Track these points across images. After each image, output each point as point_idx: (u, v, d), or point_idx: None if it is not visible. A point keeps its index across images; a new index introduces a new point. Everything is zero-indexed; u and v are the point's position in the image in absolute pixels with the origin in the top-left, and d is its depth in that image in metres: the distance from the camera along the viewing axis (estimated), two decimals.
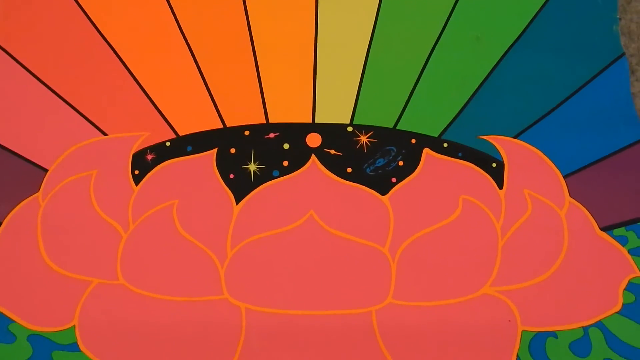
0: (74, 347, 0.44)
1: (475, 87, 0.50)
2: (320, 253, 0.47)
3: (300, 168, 0.49)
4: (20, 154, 0.49)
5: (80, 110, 0.50)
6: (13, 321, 0.45)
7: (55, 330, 0.44)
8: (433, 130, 0.50)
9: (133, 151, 0.49)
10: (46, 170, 0.48)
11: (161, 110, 0.50)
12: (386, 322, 0.45)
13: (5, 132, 0.49)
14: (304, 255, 0.46)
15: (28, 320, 0.45)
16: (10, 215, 0.47)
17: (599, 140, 0.50)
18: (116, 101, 0.50)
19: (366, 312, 0.45)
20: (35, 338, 0.44)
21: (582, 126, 0.50)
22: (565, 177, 0.49)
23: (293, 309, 0.45)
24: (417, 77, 0.51)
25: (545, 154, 0.49)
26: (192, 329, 0.44)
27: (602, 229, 0.48)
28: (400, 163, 0.49)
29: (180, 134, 0.50)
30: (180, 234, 0.47)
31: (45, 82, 0.50)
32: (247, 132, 0.50)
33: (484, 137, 0.50)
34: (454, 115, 0.50)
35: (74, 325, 0.44)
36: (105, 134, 0.49)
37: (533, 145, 0.49)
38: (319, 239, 0.47)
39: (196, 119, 0.50)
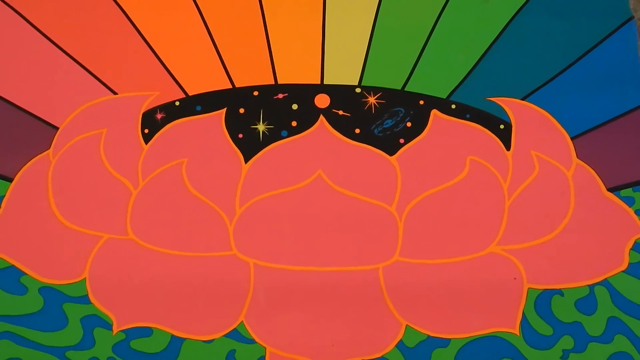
0: (84, 299, 0.45)
1: (484, 50, 0.51)
2: (328, 211, 0.47)
3: (308, 128, 0.49)
4: (32, 112, 0.50)
5: (91, 70, 0.51)
6: (24, 274, 0.46)
7: (66, 283, 0.45)
8: (441, 92, 0.50)
9: (143, 110, 0.49)
10: (57, 129, 0.49)
11: (170, 70, 0.51)
12: (393, 279, 0.46)
13: (18, 91, 0.50)
14: (312, 213, 0.47)
15: (39, 273, 0.46)
16: (21, 171, 0.48)
17: (607, 102, 0.50)
18: (126, 61, 0.50)
19: (373, 269, 0.46)
20: (46, 290, 0.45)
21: (589, 88, 0.51)
22: (572, 138, 0.50)
23: (301, 265, 0.46)
24: (425, 39, 0.51)
25: (553, 115, 0.50)
26: (200, 284, 0.45)
27: (609, 190, 0.48)
28: (408, 124, 0.50)
29: (190, 94, 0.50)
30: (190, 191, 0.48)
31: (56, 42, 0.51)
32: (256, 93, 0.50)
33: (492, 99, 0.50)
34: (462, 77, 0.51)
35: (85, 279, 0.45)
36: (115, 93, 0.50)
37: (541, 107, 0.50)
38: (327, 198, 0.48)
39: (205, 79, 0.50)
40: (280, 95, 0.51)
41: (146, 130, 0.50)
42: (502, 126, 0.50)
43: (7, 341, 0.44)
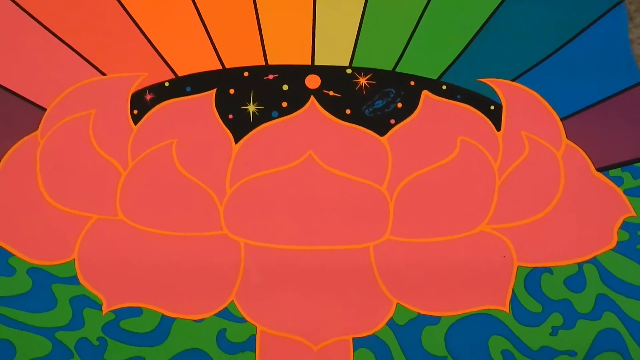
0: (73, 280, 0.45)
1: (475, 31, 0.51)
2: (318, 191, 0.48)
3: (299, 109, 0.49)
4: (19, 93, 0.49)
5: (79, 51, 0.50)
6: (12, 255, 0.45)
7: (55, 263, 0.45)
8: (432, 73, 0.51)
9: (132, 91, 0.49)
10: (45, 110, 0.49)
11: (160, 51, 0.50)
12: (384, 257, 0.46)
13: (5, 72, 0.49)
14: (302, 193, 0.47)
15: (28, 254, 0.46)
16: (9, 152, 0.48)
17: (597, 84, 0.51)
18: (115, 42, 0.50)
19: (364, 247, 0.46)
20: (35, 271, 0.45)
21: (580, 70, 0.51)
22: (562, 119, 0.50)
23: (291, 244, 0.46)
24: (416, 20, 0.51)
25: (543, 97, 0.50)
26: (191, 264, 0.45)
27: (598, 170, 0.49)
28: (399, 105, 0.50)
29: (179, 75, 0.50)
30: (180, 172, 0.47)
31: (44, 23, 0.51)
32: (246, 74, 0.50)
33: (483, 80, 0.50)
34: (453, 59, 0.51)
35: (74, 259, 0.45)
36: (104, 74, 0.50)
37: (531, 89, 0.50)
38: (317, 178, 0.48)
39: (195, 60, 0.50)
40: (271, 76, 0.51)
41: (135, 111, 0.50)
42: (492, 107, 0.51)
43: None
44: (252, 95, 0.50)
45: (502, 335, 0.45)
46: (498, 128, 0.50)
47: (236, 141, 0.49)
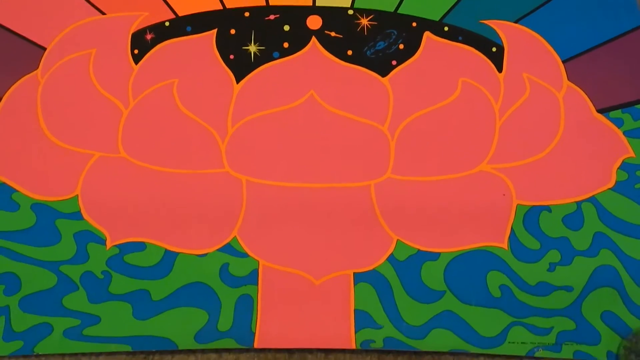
0: (77, 215, 0.45)
1: None
2: (320, 130, 0.48)
3: (300, 50, 0.49)
4: (19, 32, 0.49)
5: None
6: (16, 191, 0.46)
7: (59, 199, 0.45)
8: (434, 14, 0.50)
9: (132, 31, 0.49)
10: (45, 49, 0.48)
11: None
12: (384, 195, 0.46)
13: (4, 12, 0.49)
14: (304, 132, 0.48)
15: (31, 190, 0.46)
16: (9, 91, 0.48)
17: (599, 26, 0.51)
18: None
19: (365, 185, 0.46)
20: (38, 206, 0.46)
21: (582, 13, 0.51)
22: (564, 62, 0.50)
23: (293, 181, 0.46)
24: None
25: (545, 39, 0.50)
26: (194, 201, 0.46)
27: (599, 111, 0.49)
28: (401, 46, 0.50)
29: (180, 15, 0.50)
30: (181, 111, 0.47)
31: None
32: (247, 14, 0.50)
33: (485, 22, 0.50)
34: (455, 0, 0.50)
35: (77, 195, 0.45)
36: (103, 14, 0.49)
37: (533, 31, 0.50)
38: (319, 117, 0.48)
39: None
40: (272, 17, 0.50)
41: (136, 51, 0.49)
42: (494, 49, 0.50)
43: (0, 256, 0.45)
44: (253, 35, 0.50)
45: (501, 271, 0.46)
46: (500, 70, 0.50)
47: (237, 81, 0.49)
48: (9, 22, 0.50)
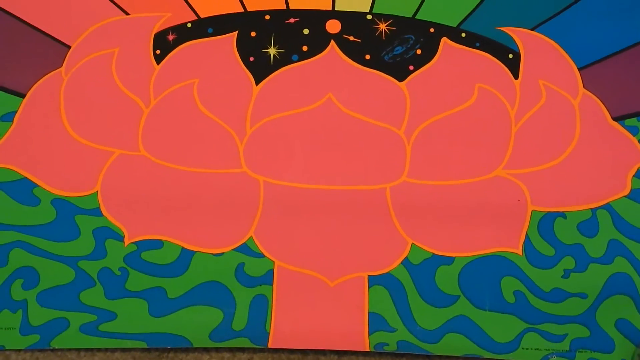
0: (96, 211, 0.46)
1: None
2: (337, 133, 0.48)
3: (319, 53, 0.49)
4: (45, 30, 0.49)
5: None
6: (37, 185, 0.46)
7: (79, 195, 0.46)
8: (452, 20, 0.50)
9: (154, 31, 0.49)
10: (69, 47, 0.49)
11: None
12: (400, 198, 0.46)
13: (31, 9, 0.49)
14: (321, 134, 0.48)
15: (52, 185, 0.46)
16: (34, 87, 0.48)
17: (615, 34, 0.51)
18: None
19: (381, 188, 0.46)
20: (58, 202, 0.46)
21: (598, 20, 0.51)
22: (580, 69, 0.50)
23: (309, 183, 0.46)
24: None
25: (561, 46, 0.50)
26: (211, 200, 0.46)
27: (614, 119, 0.49)
28: (418, 51, 0.50)
29: (202, 16, 0.50)
30: (201, 111, 0.48)
31: None
32: (267, 17, 0.50)
33: (502, 29, 0.50)
34: (473, 7, 0.51)
35: (97, 192, 0.46)
36: (127, 14, 0.50)
37: (550, 38, 0.50)
38: (336, 120, 0.48)
39: (217, 2, 0.50)
40: (292, 20, 0.51)
41: (158, 51, 0.50)
42: (510, 55, 0.50)
43: (20, 249, 0.45)
44: (273, 38, 0.51)
45: (515, 277, 0.46)
46: (516, 76, 0.50)
47: (257, 83, 0.50)
48: (35, 20, 0.51)
